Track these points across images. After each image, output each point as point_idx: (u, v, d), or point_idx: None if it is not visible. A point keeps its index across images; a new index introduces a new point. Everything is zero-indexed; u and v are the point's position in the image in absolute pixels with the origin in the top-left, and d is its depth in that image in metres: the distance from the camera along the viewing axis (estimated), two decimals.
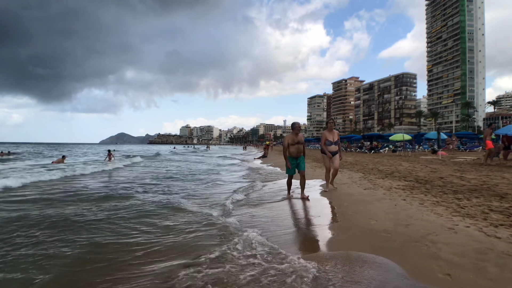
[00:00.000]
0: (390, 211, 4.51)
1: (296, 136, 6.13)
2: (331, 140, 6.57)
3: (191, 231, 4.24)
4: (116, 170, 15.23)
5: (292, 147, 6.08)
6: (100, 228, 4.46)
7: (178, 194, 7.50)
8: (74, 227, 4.49)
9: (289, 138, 6.16)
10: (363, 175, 8.97)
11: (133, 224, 4.67)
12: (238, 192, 7.52)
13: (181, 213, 5.38)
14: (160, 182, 10.27)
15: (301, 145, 6.16)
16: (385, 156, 18.92)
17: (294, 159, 6.18)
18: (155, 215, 5.25)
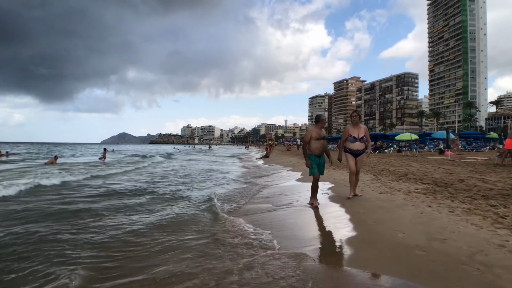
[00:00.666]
0: (417, 221, 3.88)
1: (321, 130, 5.28)
2: (356, 136, 5.40)
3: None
4: (127, 173, 14.59)
5: (316, 142, 5.18)
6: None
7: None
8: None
9: (313, 132, 5.22)
10: (374, 177, 8.34)
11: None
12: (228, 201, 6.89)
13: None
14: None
15: (325, 141, 5.28)
16: (392, 156, 18.30)
17: (317, 157, 5.29)
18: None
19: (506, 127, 69.55)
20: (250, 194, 7.38)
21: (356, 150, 5.46)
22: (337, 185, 7.41)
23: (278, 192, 7.54)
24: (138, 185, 9.21)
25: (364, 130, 5.47)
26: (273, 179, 10.30)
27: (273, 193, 7.43)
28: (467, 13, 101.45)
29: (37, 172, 12.29)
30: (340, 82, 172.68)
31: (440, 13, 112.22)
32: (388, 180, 7.51)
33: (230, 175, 12.38)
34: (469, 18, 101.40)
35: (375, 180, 7.59)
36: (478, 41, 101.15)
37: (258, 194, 7.36)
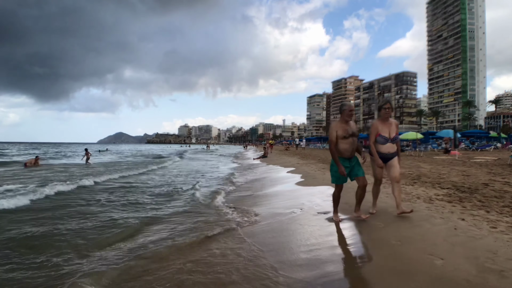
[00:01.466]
0: (454, 240, 3.09)
1: (347, 124, 3.96)
2: (387, 135, 4.04)
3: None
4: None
5: (344, 142, 3.90)
6: None
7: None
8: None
9: (337, 127, 3.93)
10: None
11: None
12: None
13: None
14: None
15: (356, 139, 4.04)
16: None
17: (347, 160, 3.98)
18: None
19: (506, 126, 69.12)
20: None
21: (387, 153, 4.10)
22: (344, 190, 6.58)
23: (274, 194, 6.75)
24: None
25: (395, 126, 4.14)
26: (274, 184, 9.49)
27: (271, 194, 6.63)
28: (466, 12, 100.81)
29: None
30: (339, 81, 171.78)
31: (439, 12, 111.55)
32: (401, 184, 6.71)
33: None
34: (468, 17, 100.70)
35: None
36: (477, 40, 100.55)
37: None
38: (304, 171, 10.79)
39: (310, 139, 64.86)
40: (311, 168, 11.83)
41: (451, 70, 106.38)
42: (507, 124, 74.63)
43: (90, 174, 12.38)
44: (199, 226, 4.73)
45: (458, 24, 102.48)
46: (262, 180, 10.13)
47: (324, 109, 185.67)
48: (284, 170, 12.39)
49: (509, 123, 75.80)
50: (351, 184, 4.88)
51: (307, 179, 8.84)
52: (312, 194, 6.60)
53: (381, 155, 4.11)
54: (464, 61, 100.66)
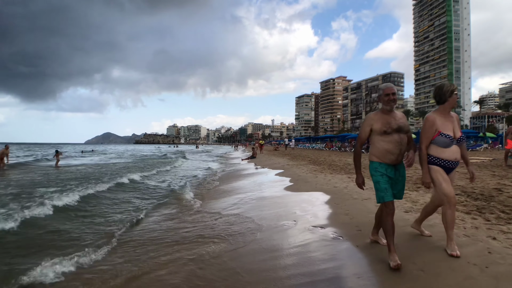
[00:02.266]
0: (494, 270, 2.36)
1: (391, 115, 2.82)
2: (451, 133, 2.84)
3: None
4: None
5: (385, 140, 2.76)
6: None
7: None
8: None
9: (374, 119, 2.82)
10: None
11: None
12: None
13: None
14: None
15: (406, 136, 2.80)
16: None
17: (390, 166, 2.79)
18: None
19: (491, 126, 70.30)
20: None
21: (454, 161, 2.82)
22: (348, 206, 5.86)
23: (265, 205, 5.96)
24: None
25: (458, 122, 2.99)
26: (262, 188, 8.70)
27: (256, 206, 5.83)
28: (451, 14, 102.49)
29: None
30: (327, 82, 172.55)
31: (426, 13, 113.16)
32: (406, 190, 6.02)
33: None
34: (453, 19, 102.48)
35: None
36: (462, 41, 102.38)
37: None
38: (295, 174, 10.05)
39: (299, 139, 64.43)
40: (302, 170, 11.10)
41: (437, 71, 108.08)
42: (492, 124, 75.96)
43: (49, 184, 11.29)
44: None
45: (444, 25, 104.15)
46: (247, 185, 9.35)
47: (312, 109, 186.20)
48: (272, 172, 11.63)
49: (494, 123, 77.18)
50: (365, 195, 4.11)
51: (298, 183, 8.09)
52: (305, 201, 5.85)
53: (445, 163, 2.80)
54: (450, 62, 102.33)
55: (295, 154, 23.67)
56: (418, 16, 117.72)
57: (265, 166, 14.82)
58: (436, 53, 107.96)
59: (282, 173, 10.78)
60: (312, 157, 18.95)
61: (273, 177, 10.15)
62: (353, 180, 7.67)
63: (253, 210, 5.54)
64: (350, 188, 6.50)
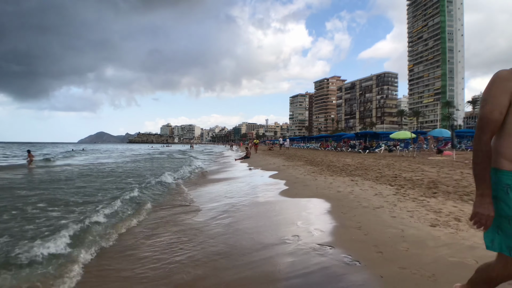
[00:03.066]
0: None
1: None
2: None
3: None
4: None
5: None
6: None
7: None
8: None
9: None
10: (394, 189, 6.07)
11: None
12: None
13: None
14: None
15: None
16: (387, 157, 16.31)
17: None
18: None
19: None
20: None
21: None
22: (359, 216, 5.10)
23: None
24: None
25: None
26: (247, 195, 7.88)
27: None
28: (445, 14, 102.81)
29: None
30: (321, 81, 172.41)
31: (420, 14, 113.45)
32: (418, 195, 5.27)
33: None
34: (447, 19, 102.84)
35: (401, 196, 5.33)
36: (456, 42, 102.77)
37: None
38: (292, 176, 9.26)
39: (294, 139, 63.75)
40: (299, 171, 10.32)
41: (431, 71, 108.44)
42: None
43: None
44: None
45: (437, 26, 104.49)
46: (239, 189, 8.53)
47: (306, 109, 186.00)
48: (267, 173, 10.84)
49: None
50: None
51: (296, 186, 7.30)
52: (306, 208, 5.07)
53: None
54: (444, 62, 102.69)
55: (290, 154, 22.93)
56: (412, 17, 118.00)
57: (260, 166, 14.02)
58: (430, 53, 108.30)
59: (278, 175, 9.99)
60: (308, 157, 18.21)
61: (268, 179, 9.35)
62: (358, 183, 6.90)
63: (246, 220, 4.75)
64: (356, 193, 5.73)
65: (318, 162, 13.55)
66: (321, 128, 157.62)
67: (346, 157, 16.68)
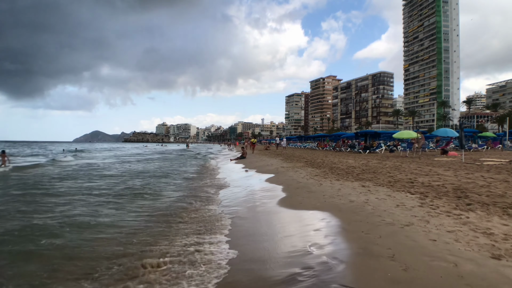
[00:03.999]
0: None
1: None
2: None
3: None
4: None
5: None
6: None
7: None
8: None
9: None
10: (414, 196, 5.18)
11: None
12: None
13: None
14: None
15: None
16: (390, 158, 15.43)
17: None
18: None
19: (481, 126, 70.23)
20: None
21: None
22: (386, 239, 4.20)
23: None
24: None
25: None
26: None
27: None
28: (441, 14, 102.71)
29: None
30: (317, 81, 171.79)
31: (415, 14, 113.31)
32: (450, 208, 4.37)
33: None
34: (442, 19, 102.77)
35: (429, 208, 4.43)
36: (451, 42, 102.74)
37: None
38: (293, 180, 8.35)
39: (290, 138, 62.86)
40: (300, 174, 9.41)
41: (426, 71, 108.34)
42: (482, 124, 76.17)
43: None
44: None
45: (433, 26, 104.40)
46: (237, 195, 7.61)
47: (302, 109, 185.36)
48: (264, 176, 9.93)
49: (483, 122, 77.48)
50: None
51: (300, 193, 6.40)
52: (314, 224, 4.16)
53: None
54: (439, 62, 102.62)
55: (288, 154, 22.02)
56: (408, 17, 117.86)
57: (256, 168, 13.11)
58: (426, 53, 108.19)
59: (277, 179, 9.09)
60: (308, 157, 17.31)
61: (266, 184, 8.44)
62: (371, 190, 6.01)
63: (243, 239, 3.83)
64: (373, 204, 4.83)
65: (319, 164, 12.66)
66: (317, 127, 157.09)
67: (348, 158, 15.81)
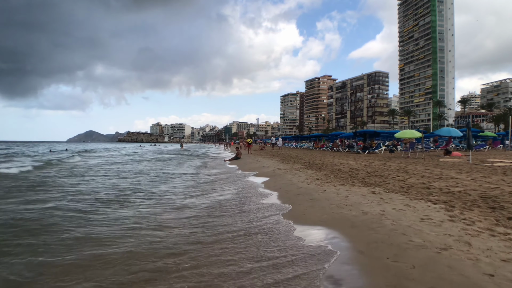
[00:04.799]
0: None
1: None
2: None
3: None
4: None
5: None
6: None
7: None
8: None
9: None
10: (439, 209, 4.39)
11: None
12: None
13: None
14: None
15: None
16: (392, 159, 14.69)
17: None
18: None
19: (476, 126, 70.16)
20: None
21: None
22: (425, 270, 3.40)
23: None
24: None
25: None
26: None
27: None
28: (436, 14, 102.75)
29: None
30: (312, 80, 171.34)
31: (411, 13, 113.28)
32: (489, 223, 3.59)
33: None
34: (438, 19, 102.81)
35: (462, 223, 3.64)
36: (446, 41, 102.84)
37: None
38: (292, 184, 7.54)
39: (286, 138, 62.10)
40: (299, 177, 8.61)
41: (421, 71, 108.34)
42: (477, 123, 76.15)
43: None
44: None
45: (428, 25, 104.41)
46: (230, 203, 6.79)
47: (297, 108, 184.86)
48: (260, 180, 9.11)
49: (478, 122, 77.49)
50: None
51: (301, 201, 5.59)
52: (326, 248, 3.36)
53: None
54: (434, 61, 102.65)
55: (285, 155, 21.22)
56: (403, 16, 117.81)
57: (252, 170, 12.29)
58: (421, 53, 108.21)
59: (273, 183, 8.28)
60: (305, 158, 16.52)
61: (262, 189, 7.62)
62: (383, 198, 5.21)
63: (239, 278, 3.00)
64: (391, 216, 4.03)
65: (318, 165, 11.87)
66: (312, 127, 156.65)
67: (348, 159, 15.05)
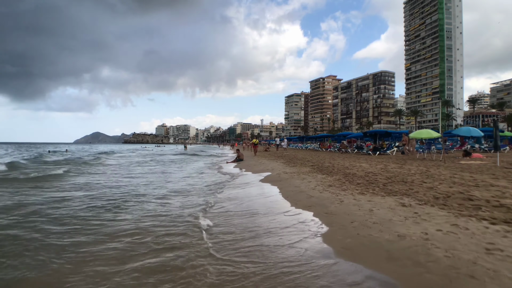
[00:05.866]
0: None
1: None
2: None
3: None
4: None
5: None
6: None
7: None
8: None
9: None
10: (504, 232, 3.34)
11: None
12: None
13: None
14: None
15: None
16: (408, 161, 13.52)
17: None
18: None
19: (486, 126, 68.35)
20: None
21: None
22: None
23: None
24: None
25: None
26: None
27: None
28: (443, 12, 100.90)
29: None
30: (317, 81, 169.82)
31: (417, 12, 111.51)
32: None
33: None
34: (445, 17, 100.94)
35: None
36: (454, 40, 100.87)
37: None
38: (301, 193, 6.51)
39: (291, 139, 60.95)
40: (308, 183, 7.57)
41: (428, 70, 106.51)
42: (487, 123, 74.29)
43: None
44: None
45: (435, 23, 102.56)
46: (227, 212, 5.78)
47: (302, 109, 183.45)
48: (266, 187, 8.10)
49: (489, 122, 75.60)
50: None
51: (329, 219, 4.56)
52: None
53: None
54: (442, 60, 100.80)
55: (290, 156, 20.16)
56: (409, 15, 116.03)
57: (256, 172, 11.27)
58: (428, 52, 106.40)
59: (280, 190, 7.26)
60: (313, 160, 15.45)
61: (267, 198, 6.60)
62: (418, 213, 4.16)
63: None
64: (441, 244, 2.99)
65: (329, 168, 10.81)
66: (317, 128, 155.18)
67: (359, 161, 13.94)
